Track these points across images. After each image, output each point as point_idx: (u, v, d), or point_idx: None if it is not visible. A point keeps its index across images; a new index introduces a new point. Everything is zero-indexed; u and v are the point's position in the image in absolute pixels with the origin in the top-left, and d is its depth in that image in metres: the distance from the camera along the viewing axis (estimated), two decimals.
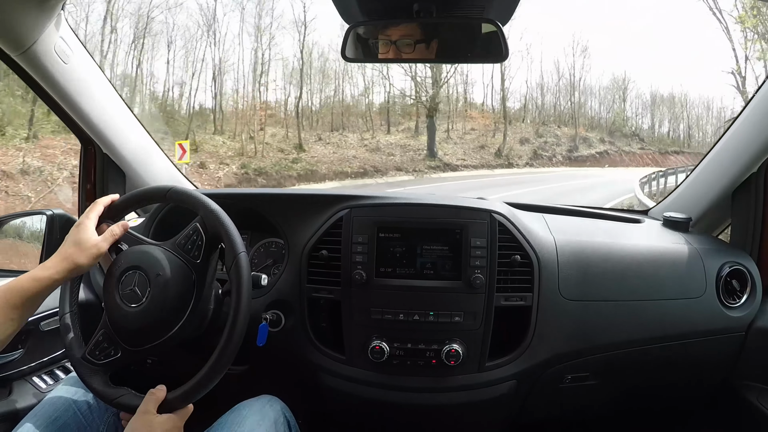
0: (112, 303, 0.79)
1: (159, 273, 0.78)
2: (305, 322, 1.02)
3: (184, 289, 0.79)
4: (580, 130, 25.82)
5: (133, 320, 0.78)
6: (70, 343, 0.82)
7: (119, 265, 0.81)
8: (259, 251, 1.14)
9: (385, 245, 0.98)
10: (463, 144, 21.59)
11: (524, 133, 23.99)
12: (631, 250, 1.04)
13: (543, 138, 24.13)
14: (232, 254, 0.78)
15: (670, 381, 1.12)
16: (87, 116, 1.09)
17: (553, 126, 25.34)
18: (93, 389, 0.79)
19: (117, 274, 0.80)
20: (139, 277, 0.78)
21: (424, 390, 1.00)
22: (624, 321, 1.01)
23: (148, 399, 0.74)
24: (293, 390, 1.08)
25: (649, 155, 26.74)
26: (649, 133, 29.53)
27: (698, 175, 1.20)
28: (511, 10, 0.99)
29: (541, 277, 0.97)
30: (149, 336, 0.78)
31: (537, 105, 26.34)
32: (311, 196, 1.07)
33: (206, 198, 0.82)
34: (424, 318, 0.96)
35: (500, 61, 1.00)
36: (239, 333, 0.76)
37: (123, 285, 0.79)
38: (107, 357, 0.79)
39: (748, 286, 1.05)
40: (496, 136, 22.55)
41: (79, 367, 0.80)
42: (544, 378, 1.02)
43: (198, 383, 0.75)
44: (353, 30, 0.98)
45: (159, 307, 0.77)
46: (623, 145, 26.64)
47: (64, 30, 1.00)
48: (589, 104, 27.97)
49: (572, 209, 1.25)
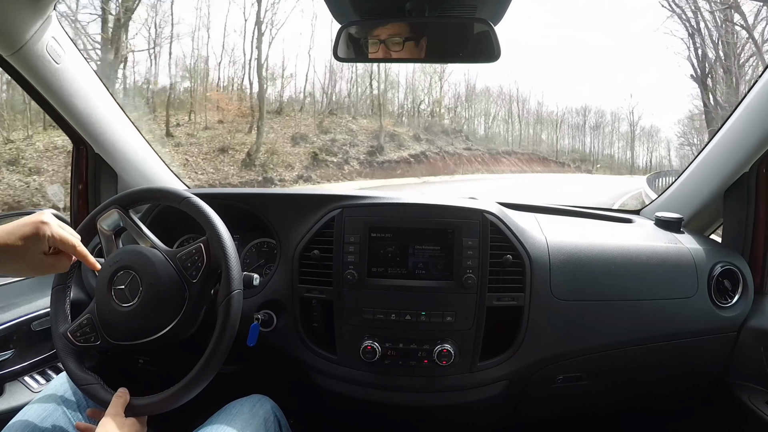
0: (103, 296, 0.79)
1: (152, 282, 0.78)
2: (297, 322, 1.02)
3: (175, 302, 0.79)
4: (387, 123, 18.13)
5: (119, 318, 0.78)
6: (56, 316, 0.83)
7: (116, 261, 0.81)
8: (251, 251, 1.14)
9: (376, 245, 0.98)
10: (193, 146, 12.66)
11: (300, 127, 15.40)
12: (623, 249, 1.04)
13: (330, 134, 15.82)
14: (226, 290, 0.78)
15: (663, 381, 1.12)
16: (79, 116, 1.09)
17: (346, 117, 17.41)
18: (66, 367, 0.80)
19: (112, 269, 0.80)
20: (133, 279, 0.78)
21: (415, 390, 1.00)
22: (616, 321, 1.01)
23: (115, 402, 0.74)
24: (285, 390, 1.08)
25: (478, 157, 22.03)
26: (472, 130, 24.86)
27: (690, 174, 1.20)
28: (503, 9, 0.99)
29: (532, 277, 0.97)
30: (133, 335, 0.79)
31: (325, 89, 17.96)
32: (303, 196, 1.07)
33: (218, 220, 0.82)
34: (416, 318, 0.96)
35: (492, 61, 1.00)
36: (214, 364, 0.76)
37: (116, 282, 0.79)
38: (86, 342, 0.80)
39: (740, 286, 1.05)
40: (253, 133, 13.67)
41: (58, 341, 0.81)
42: (536, 378, 1.02)
43: (166, 398, 0.76)
44: (345, 30, 0.98)
45: (147, 312, 0.77)
46: (445, 145, 20.24)
47: (56, 30, 1.00)
48: (398, 91, 21.13)
49: (564, 209, 1.25)
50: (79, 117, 1.09)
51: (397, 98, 21.34)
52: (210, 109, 14.25)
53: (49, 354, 1.08)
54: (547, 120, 30.22)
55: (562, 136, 30.93)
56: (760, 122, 1.02)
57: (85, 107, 1.09)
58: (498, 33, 0.96)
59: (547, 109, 31.55)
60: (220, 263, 0.79)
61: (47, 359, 1.08)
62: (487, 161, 22.38)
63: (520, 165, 24.48)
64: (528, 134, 29.16)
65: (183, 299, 0.80)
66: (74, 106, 1.07)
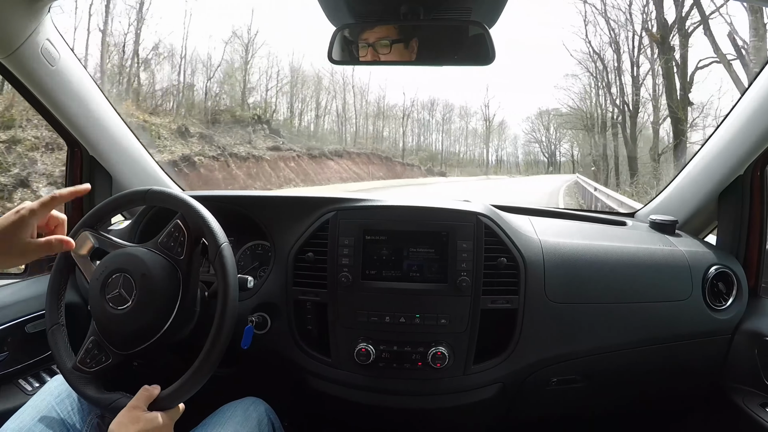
0: (99, 308, 0.79)
1: (144, 273, 0.78)
2: (291, 325, 1.02)
3: (170, 287, 0.79)
4: (130, 108, 11.43)
5: (121, 323, 0.78)
6: (60, 355, 0.82)
7: (103, 269, 0.80)
8: (245, 254, 1.14)
9: (371, 248, 0.98)
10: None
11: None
12: (618, 252, 1.04)
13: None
14: (215, 246, 0.79)
15: (658, 383, 1.12)
16: (73, 118, 1.09)
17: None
18: (87, 397, 0.79)
19: (102, 278, 0.80)
20: (125, 279, 0.78)
21: (410, 393, 0.99)
22: (610, 324, 1.01)
23: (140, 395, 0.74)
24: (280, 392, 1.08)
25: (291, 160, 15.88)
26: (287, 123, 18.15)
27: (685, 177, 1.20)
28: (498, 11, 0.99)
29: (527, 280, 0.97)
30: (138, 338, 0.78)
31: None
32: (298, 199, 1.07)
33: (185, 195, 0.83)
34: (410, 320, 0.96)
35: (487, 64, 0.99)
36: (229, 323, 0.76)
37: (109, 288, 0.79)
38: (98, 364, 0.79)
39: (734, 289, 1.05)
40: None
41: (71, 378, 0.80)
42: (530, 381, 1.02)
43: (189, 380, 0.75)
44: (340, 32, 0.98)
45: (146, 307, 0.77)
46: (235, 143, 13.75)
47: (51, 32, 1.00)
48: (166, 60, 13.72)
49: (558, 211, 1.25)
50: (73, 119, 1.09)
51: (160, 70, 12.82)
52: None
53: (42, 357, 1.07)
54: (391, 115, 26.56)
55: (407, 133, 27.60)
56: (755, 125, 1.02)
57: (80, 109, 1.09)
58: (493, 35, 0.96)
59: (389, 102, 27.99)
60: (199, 230, 0.80)
61: (41, 362, 1.08)
62: (305, 166, 16.27)
63: (354, 169, 19.30)
64: (367, 131, 24.87)
65: (177, 281, 0.80)
66: (69, 109, 1.07)
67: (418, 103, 29.54)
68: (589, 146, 22.71)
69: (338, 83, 23.52)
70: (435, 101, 29.67)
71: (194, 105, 14.53)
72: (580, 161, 26.26)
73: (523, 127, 38.55)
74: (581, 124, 23.26)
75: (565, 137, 30.47)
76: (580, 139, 27.43)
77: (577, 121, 23.91)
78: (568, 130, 28.82)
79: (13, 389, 1.03)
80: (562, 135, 30.62)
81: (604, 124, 19.24)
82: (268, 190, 12.99)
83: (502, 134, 31.79)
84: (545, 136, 31.60)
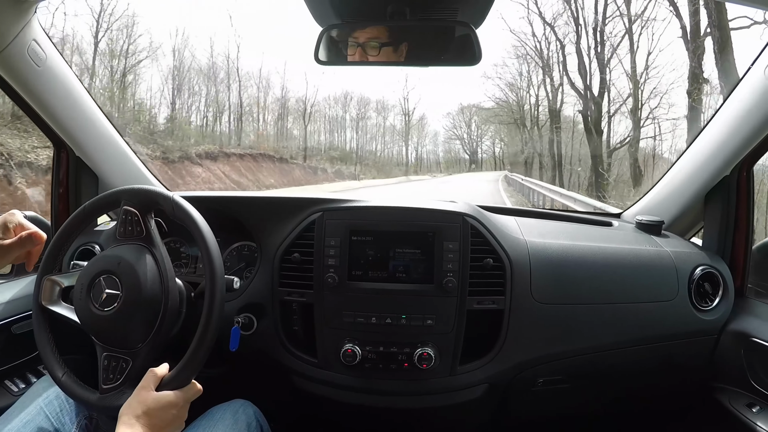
0: (95, 320, 0.78)
1: (119, 261, 0.78)
2: (278, 326, 1.01)
3: (148, 266, 0.79)
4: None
5: (119, 321, 0.77)
6: (82, 397, 0.80)
7: (82, 283, 0.80)
8: (231, 254, 1.14)
9: (357, 248, 0.98)
10: None
11: None
12: (604, 252, 1.04)
13: None
14: (168, 201, 0.81)
15: (644, 384, 1.12)
16: (60, 119, 1.09)
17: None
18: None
19: (84, 291, 0.79)
20: (106, 278, 0.78)
21: (396, 393, 1.00)
22: (596, 324, 1.01)
23: (147, 376, 0.73)
24: (267, 394, 1.08)
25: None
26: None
27: (671, 178, 1.20)
28: (484, 12, 0.99)
29: (513, 281, 0.98)
30: (140, 330, 0.78)
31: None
32: (284, 200, 1.07)
33: (128, 187, 0.84)
34: (397, 321, 0.96)
35: (474, 64, 0.99)
36: (218, 263, 0.79)
37: (95, 295, 0.78)
38: (123, 372, 0.78)
39: (720, 289, 1.05)
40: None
41: (105, 403, 0.78)
42: (517, 381, 1.02)
43: (191, 355, 0.75)
44: (326, 33, 0.98)
45: (136, 292, 0.77)
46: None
47: (38, 33, 0.99)
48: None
49: (545, 212, 1.25)
50: (60, 120, 1.09)
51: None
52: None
53: (29, 357, 1.07)
54: (295, 110, 22.45)
55: (317, 130, 23.70)
56: (741, 125, 1.02)
57: (67, 110, 1.08)
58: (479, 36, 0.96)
59: (296, 94, 24.10)
60: (145, 202, 0.82)
61: (27, 362, 1.07)
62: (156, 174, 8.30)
63: (233, 176, 14.95)
64: (269, 129, 21.27)
65: (153, 258, 0.81)
66: (55, 109, 1.07)
67: (331, 97, 26.00)
68: (520, 142, 21.17)
69: (233, 73, 19.12)
70: (349, 94, 26.23)
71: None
72: (509, 158, 24.36)
73: (444, 123, 35.80)
74: (511, 118, 21.79)
75: (487, 134, 29.23)
76: (504, 134, 25.97)
77: (506, 115, 22.38)
78: (490, 127, 27.39)
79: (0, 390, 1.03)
80: (484, 132, 29.28)
81: (553, 114, 17.62)
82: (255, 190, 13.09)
83: (422, 131, 29.14)
84: (467, 132, 30.10)
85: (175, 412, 0.72)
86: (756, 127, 0.99)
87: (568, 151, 16.66)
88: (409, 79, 28.45)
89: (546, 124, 18.63)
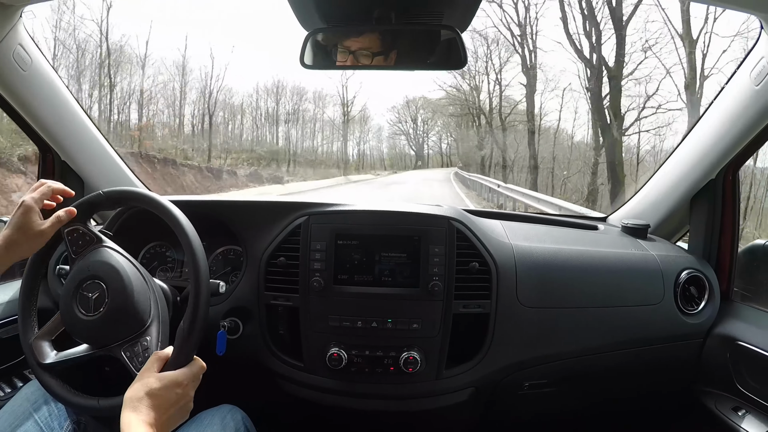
0: (95, 323, 0.77)
1: (88, 267, 0.79)
2: (263, 329, 1.01)
3: (117, 257, 0.80)
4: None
5: (116, 314, 0.77)
6: (73, 399, 0.79)
7: (67, 304, 0.79)
8: (217, 258, 1.14)
9: (343, 252, 0.98)
10: None
11: None
12: (590, 256, 1.04)
13: None
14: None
15: (630, 388, 1.12)
16: (45, 123, 1.08)
17: None
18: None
19: (75, 306, 0.78)
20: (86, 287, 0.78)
21: (382, 397, 0.99)
22: (582, 328, 1.01)
23: (151, 359, 0.72)
24: (254, 398, 1.07)
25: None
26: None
27: (657, 181, 1.20)
28: (469, 17, 0.99)
29: (498, 284, 0.98)
30: (137, 319, 0.77)
31: None
32: (269, 204, 1.07)
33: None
34: (382, 325, 0.96)
35: (459, 68, 1.00)
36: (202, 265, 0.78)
37: (83, 304, 0.78)
38: (147, 351, 0.76)
39: (706, 293, 1.06)
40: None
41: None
42: (502, 385, 1.02)
43: (188, 329, 0.74)
44: (312, 37, 0.98)
45: (118, 280, 0.77)
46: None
47: (23, 37, 0.99)
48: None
49: (530, 216, 1.25)
50: (45, 124, 1.09)
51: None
52: None
53: (14, 362, 1.07)
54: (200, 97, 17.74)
55: (246, 125, 20.15)
56: (727, 129, 1.02)
57: (52, 115, 1.08)
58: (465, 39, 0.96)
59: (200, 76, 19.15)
60: (86, 206, 0.82)
61: (13, 367, 1.07)
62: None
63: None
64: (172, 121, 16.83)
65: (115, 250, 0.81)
66: (41, 114, 1.07)
67: (261, 86, 21.79)
68: (477, 136, 18.40)
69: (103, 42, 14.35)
70: (281, 83, 22.08)
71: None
72: (462, 156, 21.68)
73: (389, 117, 33.03)
74: (465, 109, 19.04)
75: (434, 129, 26.82)
76: (453, 129, 23.49)
77: (460, 105, 19.56)
78: (438, 121, 25.17)
79: None
80: (431, 127, 26.73)
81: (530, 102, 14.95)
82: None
83: (364, 125, 25.41)
84: (413, 127, 27.32)
85: (179, 390, 0.69)
86: (742, 130, 1.00)
87: (544, 150, 14.74)
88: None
89: (511, 118, 16.34)
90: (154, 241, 1.14)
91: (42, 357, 0.80)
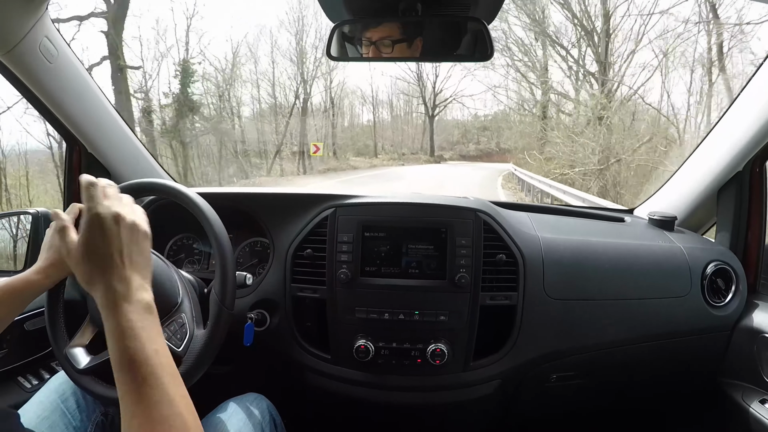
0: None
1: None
2: (290, 322, 1.02)
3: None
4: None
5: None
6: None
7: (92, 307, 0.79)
8: (244, 251, 1.14)
9: (370, 244, 0.98)
10: None
11: None
12: (617, 248, 1.04)
13: None
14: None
15: (657, 380, 1.12)
16: (73, 116, 1.09)
17: None
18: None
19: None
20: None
21: (409, 389, 1.00)
22: (609, 320, 1.01)
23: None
24: (279, 389, 1.08)
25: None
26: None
27: (683, 173, 1.20)
28: (496, 8, 0.99)
29: (526, 276, 0.97)
30: (167, 302, 0.77)
31: None
32: (297, 196, 1.07)
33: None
34: (409, 317, 0.96)
35: (486, 60, 0.99)
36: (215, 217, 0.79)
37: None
38: (182, 339, 0.76)
39: (733, 285, 1.05)
40: None
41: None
42: (529, 377, 1.02)
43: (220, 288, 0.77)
44: (339, 29, 0.98)
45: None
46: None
47: (49, 29, 0.99)
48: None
49: (557, 208, 1.25)
50: (72, 117, 1.09)
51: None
52: None
53: (42, 354, 1.07)
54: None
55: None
56: (754, 121, 1.02)
57: (79, 107, 1.08)
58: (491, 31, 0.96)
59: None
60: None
61: (40, 359, 1.08)
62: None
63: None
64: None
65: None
66: (67, 106, 1.07)
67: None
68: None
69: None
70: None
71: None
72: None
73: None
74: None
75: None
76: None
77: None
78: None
79: (13, 386, 1.03)
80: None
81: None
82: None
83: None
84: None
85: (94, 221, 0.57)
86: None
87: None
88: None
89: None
90: (181, 233, 1.14)
91: (78, 363, 0.78)
